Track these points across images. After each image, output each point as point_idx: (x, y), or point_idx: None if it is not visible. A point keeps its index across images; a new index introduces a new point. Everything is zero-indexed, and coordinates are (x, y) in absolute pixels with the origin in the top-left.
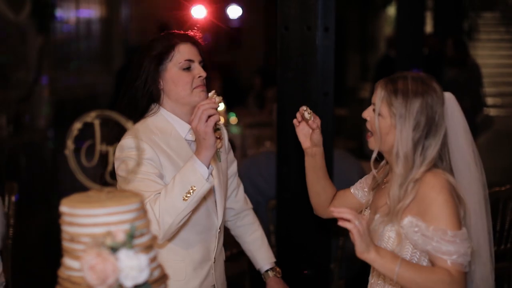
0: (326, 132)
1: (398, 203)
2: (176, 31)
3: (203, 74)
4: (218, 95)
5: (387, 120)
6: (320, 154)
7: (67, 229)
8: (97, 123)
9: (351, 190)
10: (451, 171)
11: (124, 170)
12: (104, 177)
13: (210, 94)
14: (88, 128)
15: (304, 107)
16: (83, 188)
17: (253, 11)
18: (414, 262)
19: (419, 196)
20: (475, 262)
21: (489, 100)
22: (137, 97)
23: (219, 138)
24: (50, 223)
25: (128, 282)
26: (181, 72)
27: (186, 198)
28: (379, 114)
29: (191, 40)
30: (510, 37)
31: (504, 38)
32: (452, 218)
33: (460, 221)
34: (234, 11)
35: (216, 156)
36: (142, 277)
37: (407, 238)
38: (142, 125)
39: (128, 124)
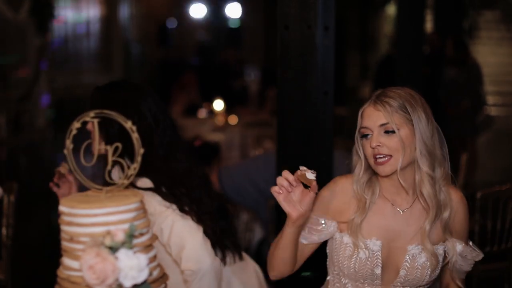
0: (326, 132)
1: (436, 201)
2: None
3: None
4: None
5: (406, 129)
6: (306, 221)
7: (66, 229)
8: (95, 122)
9: (301, 241)
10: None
11: None
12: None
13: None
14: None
15: (303, 168)
16: (82, 188)
17: (253, 10)
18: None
19: (458, 215)
20: None
21: (490, 99)
22: None
23: None
24: (50, 223)
25: (128, 281)
26: None
27: None
28: (397, 129)
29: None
30: (511, 36)
31: (505, 37)
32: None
33: None
34: (234, 11)
35: None
36: (141, 277)
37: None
38: None
39: (127, 124)
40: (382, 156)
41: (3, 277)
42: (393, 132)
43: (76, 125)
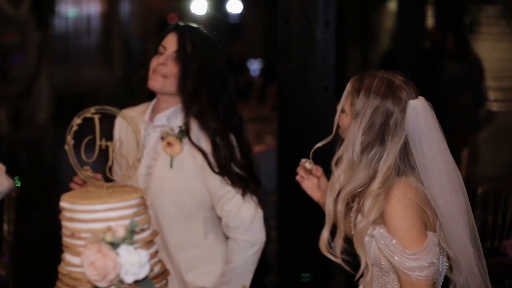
0: (326, 127)
1: (334, 212)
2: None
3: (161, 60)
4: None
5: (348, 117)
6: None
7: (67, 225)
8: (96, 118)
9: None
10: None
11: None
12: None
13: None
14: (88, 123)
15: (303, 160)
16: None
17: (253, 5)
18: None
19: (384, 206)
20: (456, 272)
21: (491, 94)
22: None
23: (170, 144)
24: (51, 219)
25: (129, 277)
26: (154, 56)
27: None
28: (342, 110)
29: (175, 29)
30: (511, 31)
31: (506, 32)
32: (410, 235)
33: (421, 233)
34: (234, 5)
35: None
36: (142, 273)
37: (377, 245)
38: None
39: (130, 120)
40: None
41: (4, 273)
42: (342, 111)
43: (77, 121)
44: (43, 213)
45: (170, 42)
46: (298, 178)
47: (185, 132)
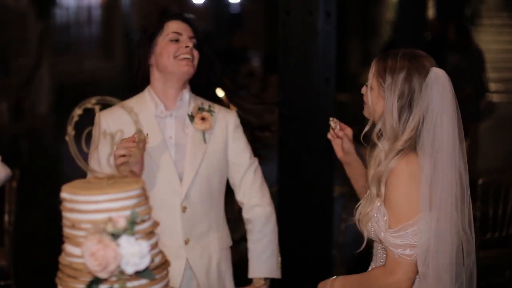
0: (327, 119)
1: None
2: (168, 10)
3: (189, 44)
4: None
5: (375, 91)
6: (355, 161)
7: (68, 216)
8: (97, 109)
9: None
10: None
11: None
12: None
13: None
14: (89, 114)
15: (330, 118)
16: (84, 175)
17: None
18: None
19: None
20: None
21: (492, 86)
22: (136, 77)
23: (204, 119)
24: (52, 209)
25: (129, 268)
26: (168, 43)
27: None
28: (371, 88)
29: (181, 18)
30: None
31: (507, 24)
32: (404, 207)
33: (414, 210)
34: None
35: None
36: (143, 264)
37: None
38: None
39: (130, 110)
40: (364, 101)
41: (5, 264)
42: (371, 88)
43: (78, 111)
44: (44, 204)
45: (182, 29)
46: (328, 135)
47: (212, 106)
